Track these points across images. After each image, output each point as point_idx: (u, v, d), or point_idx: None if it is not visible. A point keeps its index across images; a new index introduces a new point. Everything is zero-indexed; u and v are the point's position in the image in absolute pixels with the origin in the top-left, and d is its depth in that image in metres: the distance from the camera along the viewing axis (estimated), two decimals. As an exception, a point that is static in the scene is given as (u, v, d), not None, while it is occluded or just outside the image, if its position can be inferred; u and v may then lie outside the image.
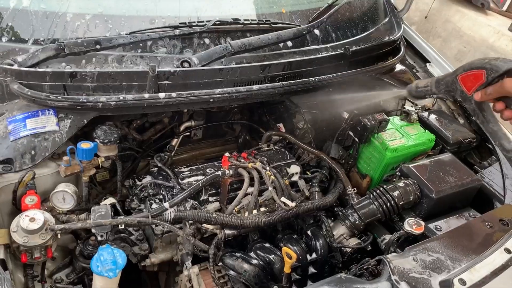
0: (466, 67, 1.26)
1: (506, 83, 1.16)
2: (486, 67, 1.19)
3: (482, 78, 1.20)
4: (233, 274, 1.43)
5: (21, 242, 1.25)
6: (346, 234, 1.65)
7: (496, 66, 1.17)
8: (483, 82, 1.20)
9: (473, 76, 1.22)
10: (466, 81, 1.25)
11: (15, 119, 1.43)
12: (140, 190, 1.54)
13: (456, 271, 1.37)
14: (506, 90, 1.17)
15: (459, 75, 1.27)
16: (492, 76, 1.18)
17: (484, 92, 1.22)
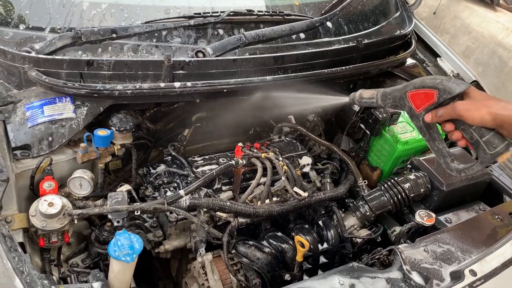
0: (417, 84, 1.18)
1: (458, 106, 1.11)
2: (438, 88, 1.13)
3: (433, 98, 1.14)
4: (246, 261, 1.45)
5: (39, 226, 1.27)
6: (356, 225, 1.66)
7: (449, 88, 1.11)
8: (433, 102, 1.14)
9: (424, 95, 1.16)
10: (415, 99, 1.18)
11: (33, 106, 1.45)
12: (154, 178, 1.56)
13: (466, 262, 1.38)
14: (457, 113, 1.11)
15: (409, 92, 1.19)
16: (444, 97, 1.12)
17: (435, 114, 1.16)
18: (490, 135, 1.10)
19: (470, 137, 1.13)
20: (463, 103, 1.11)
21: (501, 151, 1.09)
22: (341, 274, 1.30)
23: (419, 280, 1.30)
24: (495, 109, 1.07)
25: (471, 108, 1.09)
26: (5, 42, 1.50)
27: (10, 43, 1.51)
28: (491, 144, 1.10)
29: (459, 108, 1.10)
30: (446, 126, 1.17)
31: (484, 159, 1.12)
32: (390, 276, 1.32)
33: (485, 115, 1.07)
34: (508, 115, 1.05)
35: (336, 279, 1.28)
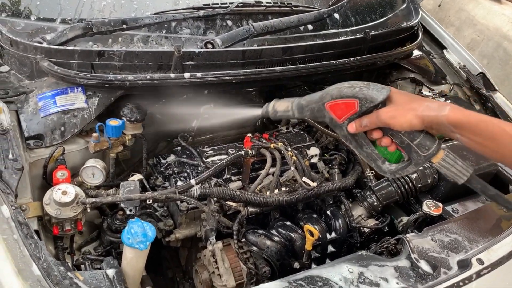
0: (334, 95, 1.09)
1: (382, 114, 1.04)
2: (358, 97, 1.05)
3: (355, 107, 1.06)
4: (255, 250, 1.47)
5: (53, 214, 1.29)
6: (364, 215, 1.68)
7: (370, 96, 1.04)
8: (356, 112, 1.06)
9: (344, 105, 1.07)
10: (335, 109, 1.09)
11: (45, 96, 1.46)
12: (165, 168, 1.58)
13: (473, 251, 1.40)
14: (383, 122, 1.04)
15: (327, 103, 1.10)
16: (367, 106, 1.04)
17: (359, 124, 1.08)
18: (420, 138, 1.04)
19: (400, 142, 1.07)
20: (387, 110, 1.04)
21: (434, 152, 1.04)
22: (350, 262, 1.32)
23: (427, 268, 1.31)
24: (421, 111, 1.01)
25: (397, 115, 1.02)
26: (16, 33, 1.52)
27: (21, 33, 1.53)
28: (423, 147, 1.04)
29: (384, 117, 1.03)
30: (373, 134, 1.09)
31: (418, 161, 1.07)
32: (398, 265, 1.33)
33: (413, 119, 1.01)
34: (435, 116, 1.00)
35: (345, 267, 1.30)
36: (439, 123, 1.00)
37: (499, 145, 0.99)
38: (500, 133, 0.99)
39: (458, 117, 0.99)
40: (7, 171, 1.24)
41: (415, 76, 2.24)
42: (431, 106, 1.02)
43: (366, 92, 1.04)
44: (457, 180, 1.07)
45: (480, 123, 1.00)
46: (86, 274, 1.15)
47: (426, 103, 1.03)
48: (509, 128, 0.99)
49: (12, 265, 1.06)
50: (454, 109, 1.00)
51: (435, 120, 1.00)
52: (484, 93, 2.14)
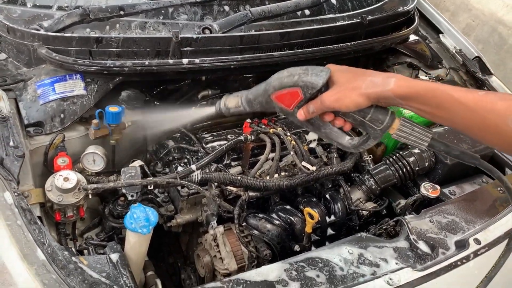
0: (276, 85, 1.08)
1: (326, 99, 1.01)
2: (299, 85, 1.03)
3: (299, 95, 1.04)
4: (256, 233, 1.49)
5: (56, 201, 1.30)
6: (362, 199, 1.70)
7: (310, 82, 1.01)
8: (302, 99, 1.04)
9: (289, 94, 1.06)
10: (282, 99, 1.08)
11: (44, 83, 1.46)
12: (165, 154, 1.58)
13: (471, 232, 1.42)
14: (328, 106, 1.01)
15: (273, 95, 1.08)
16: (310, 92, 1.03)
17: (307, 111, 1.05)
18: (371, 113, 1.02)
19: (353, 120, 1.05)
20: (330, 94, 1.01)
21: (389, 124, 1.02)
22: (349, 244, 1.35)
23: (426, 249, 1.34)
24: (365, 88, 0.98)
25: (340, 97, 0.99)
26: (13, 20, 1.51)
27: (18, 21, 1.52)
28: (376, 121, 1.02)
29: (328, 102, 1.00)
30: (325, 117, 1.07)
31: (375, 135, 1.05)
32: (397, 245, 1.36)
33: (357, 99, 0.98)
34: (381, 91, 0.97)
35: (344, 249, 1.33)
36: (386, 97, 0.98)
37: (449, 112, 0.97)
38: (449, 100, 0.96)
39: (404, 89, 0.97)
40: (9, 158, 1.25)
41: (412, 60, 2.25)
42: (375, 81, 0.99)
43: (305, 78, 1.03)
44: (419, 147, 1.06)
45: (427, 92, 0.97)
46: (90, 258, 1.17)
47: (370, 78, 0.99)
48: (457, 94, 0.95)
49: (17, 250, 1.07)
50: (399, 80, 0.97)
51: (381, 95, 0.98)
52: (480, 77, 2.15)
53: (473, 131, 1.00)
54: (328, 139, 1.16)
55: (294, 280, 1.20)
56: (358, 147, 1.13)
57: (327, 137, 1.15)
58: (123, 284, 1.12)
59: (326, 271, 1.24)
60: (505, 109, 0.93)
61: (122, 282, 1.13)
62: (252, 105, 1.17)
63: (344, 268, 1.27)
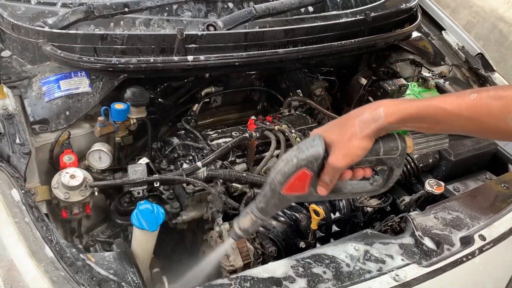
0: (281, 180, 1.00)
1: (334, 163, 0.96)
2: (302, 165, 0.97)
3: (307, 174, 0.99)
4: (262, 230, 1.49)
5: (62, 198, 1.30)
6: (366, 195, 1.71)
7: (311, 156, 0.96)
8: (311, 176, 0.99)
9: (297, 180, 1.00)
10: (294, 188, 1.01)
11: (49, 81, 1.46)
12: (170, 151, 1.58)
13: (475, 228, 1.43)
14: (340, 167, 0.96)
15: (282, 190, 1.01)
16: (316, 165, 0.97)
17: (325, 183, 1.00)
18: (382, 146, 0.98)
19: (370, 163, 1.01)
20: (335, 155, 0.96)
21: (404, 145, 0.99)
22: (355, 241, 1.35)
23: (431, 245, 1.34)
24: (360, 132, 0.94)
25: (346, 151, 0.95)
26: (17, 17, 1.51)
27: (22, 18, 1.52)
28: (391, 150, 0.99)
29: (338, 163, 0.96)
30: (344, 177, 1.02)
31: (397, 163, 1.02)
32: (403, 242, 1.36)
33: (360, 144, 0.95)
34: (375, 126, 0.93)
35: (350, 245, 1.33)
36: (383, 128, 0.95)
37: (446, 124, 0.95)
38: (443, 114, 0.93)
39: (396, 116, 0.93)
40: (15, 156, 1.25)
41: (415, 57, 2.25)
42: (365, 119, 0.94)
43: (304, 155, 0.97)
44: (442, 147, 1.04)
45: (420, 112, 0.94)
46: (97, 256, 1.17)
47: (358, 120, 0.95)
48: (449, 106, 0.93)
49: (26, 247, 1.07)
50: (389, 108, 0.93)
51: (378, 129, 0.94)
52: (482, 74, 2.16)
53: (475, 134, 0.99)
54: (355, 195, 1.14)
55: (301, 277, 1.20)
56: (386, 183, 1.08)
57: (353, 194, 1.11)
58: (131, 281, 1.12)
59: (332, 268, 1.24)
60: (501, 109, 0.90)
61: (130, 279, 1.13)
62: (267, 212, 1.09)
63: (351, 264, 1.27)
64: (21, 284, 1.03)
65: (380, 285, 1.20)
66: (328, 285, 1.19)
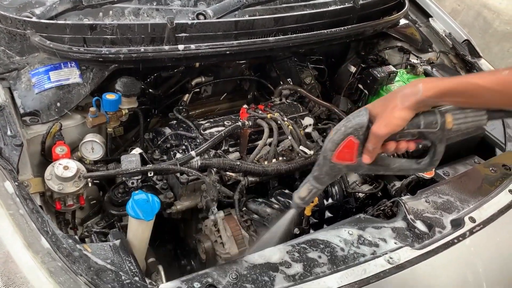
0: (331, 147, 1.08)
1: (376, 130, 1.05)
2: (349, 132, 1.06)
3: (354, 141, 1.07)
4: (256, 218, 1.51)
5: (56, 190, 1.29)
6: (358, 181, 1.73)
7: (357, 124, 1.06)
8: (358, 144, 1.07)
9: (346, 147, 1.08)
10: (343, 156, 1.09)
11: (38, 72, 1.44)
12: (163, 142, 1.58)
13: (465, 211, 1.46)
14: (382, 134, 1.05)
15: (333, 158, 1.09)
16: (361, 133, 1.06)
17: (368, 151, 1.08)
18: (422, 120, 1.05)
19: (412, 136, 1.08)
20: (377, 124, 1.05)
21: (443, 120, 1.05)
22: (349, 225, 1.37)
23: (423, 228, 1.37)
24: (401, 103, 1.03)
25: (387, 121, 1.04)
26: (4, 7, 1.48)
27: (9, 8, 1.49)
28: (431, 124, 1.05)
29: (380, 130, 1.05)
30: (388, 148, 1.10)
31: (438, 138, 1.08)
32: (395, 226, 1.38)
33: (401, 114, 1.03)
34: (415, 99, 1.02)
35: (344, 230, 1.34)
36: (422, 102, 1.03)
37: (481, 98, 1.04)
38: (477, 89, 1.02)
39: (434, 91, 1.02)
40: (7, 148, 1.23)
41: (403, 44, 2.27)
42: (405, 93, 1.04)
43: (351, 124, 1.07)
44: (481, 125, 1.09)
45: (456, 87, 1.02)
46: (94, 246, 1.17)
47: (400, 94, 1.05)
48: (483, 81, 1.02)
49: (22, 239, 1.07)
50: (427, 84, 1.02)
51: (417, 102, 1.02)
52: (469, 60, 2.19)
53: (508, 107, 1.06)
54: (403, 172, 1.22)
55: (297, 262, 1.22)
56: (432, 161, 1.14)
57: (400, 171, 1.18)
58: (128, 270, 1.13)
59: (327, 252, 1.26)
60: None
61: (127, 268, 1.13)
62: (321, 180, 1.17)
63: (345, 248, 1.29)
64: (18, 275, 1.03)
65: (374, 267, 1.22)
66: (323, 269, 1.20)
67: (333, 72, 2.29)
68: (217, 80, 2.02)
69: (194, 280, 1.10)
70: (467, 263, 1.36)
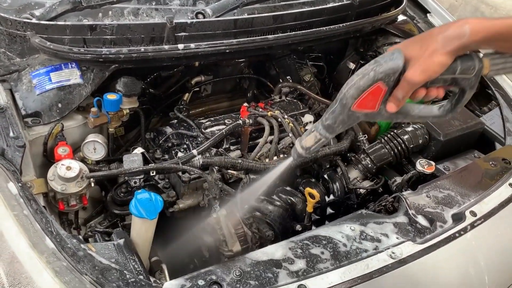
0: (354, 94, 0.97)
1: (411, 78, 0.94)
2: (379, 78, 0.95)
3: (382, 88, 0.96)
4: (258, 215, 1.51)
5: (59, 190, 1.30)
6: (359, 178, 1.74)
7: (390, 69, 0.94)
8: (385, 91, 0.97)
9: (370, 95, 0.97)
10: (365, 104, 0.99)
11: (39, 73, 1.44)
12: (164, 141, 1.59)
13: (466, 205, 1.46)
14: (417, 82, 0.94)
15: (353, 106, 0.99)
16: (393, 79, 0.95)
17: (396, 99, 0.98)
18: (459, 65, 0.95)
19: (444, 83, 0.99)
20: (413, 70, 0.95)
21: (481, 65, 0.96)
22: (351, 221, 1.37)
23: (425, 223, 1.38)
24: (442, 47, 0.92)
25: (425, 67, 0.94)
26: (3, 9, 1.49)
27: (8, 10, 1.50)
28: (467, 69, 0.96)
29: (416, 78, 0.94)
30: (417, 96, 1.00)
31: (470, 84, 0.99)
32: (397, 221, 1.39)
33: (441, 59, 0.93)
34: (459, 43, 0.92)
35: (346, 226, 1.35)
36: (466, 46, 0.93)
37: None
38: None
39: (482, 34, 0.92)
40: (10, 149, 1.24)
41: (401, 41, 2.26)
42: (449, 35, 0.92)
43: (382, 68, 0.95)
44: None
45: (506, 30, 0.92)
46: (98, 245, 1.17)
47: (442, 36, 0.93)
48: None
49: (26, 239, 1.07)
50: (475, 26, 0.91)
51: (461, 46, 0.92)
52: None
53: None
54: (422, 119, 1.11)
55: (300, 258, 1.23)
56: (455, 108, 1.05)
57: (420, 118, 1.09)
58: (132, 269, 1.13)
59: (330, 248, 1.27)
60: None
61: (131, 267, 1.14)
62: (333, 129, 1.06)
63: (347, 244, 1.30)
64: (24, 275, 1.03)
65: (377, 262, 1.23)
66: (326, 265, 1.21)
67: (332, 69, 2.30)
68: (216, 79, 2.02)
69: (198, 278, 1.11)
70: (469, 256, 1.37)
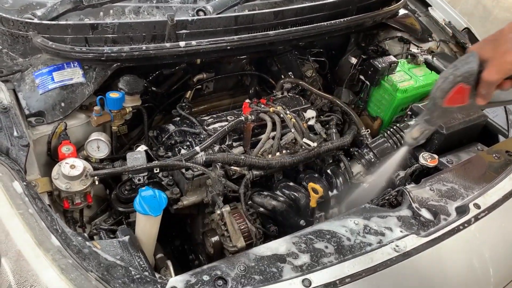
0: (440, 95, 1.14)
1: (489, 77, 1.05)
2: (459, 81, 1.09)
3: (465, 87, 1.10)
4: (262, 211, 1.52)
5: (63, 188, 1.31)
6: (362, 172, 1.74)
7: (466, 72, 1.08)
8: (469, 89, 1.10)
9: (456, 93, 1.11)
10: (454, 101, 1.14)
11: (42, 73, 1.45)
12: (167, 138, 1.59)
13: (470, 198, 1.46)
14: (495, 80, 1.05)
15: (444, 103, 1.15)
16: (472, 80, 1.08)
17: (482, 95, 1.10)
18: None
19: None
20: (489, 70, 1.05)
21: None
22: (354, 215, 1.38)
23: (428, 216, 1.37)
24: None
25: (499, 67, 1.03)
26: (5, 10, 1.49)
27: (10, 10, 1.51)
28: None
29: (492, 77, 1.04)
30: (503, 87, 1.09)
31: None
32: (401, 214, 1.39)
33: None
34: None
35: (350, 220, 1.35)
36: None
37: None
38: None
39: None
40: (14, 148, 1.25)
41: (402, 35, 2.26)
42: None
43: (460, 72, 1.08)
44: None
45: None
46: (103, 243, 1.18)
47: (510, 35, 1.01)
48: None
49: (32, 237, 1.08)
50: None
51: None
52: (470, 48, 2.18)
53: None
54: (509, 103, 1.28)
55: (304, 252, 1.23)
56: None
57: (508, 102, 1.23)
58: (137, 265, 1.14)
59: (334, 242, 1.27)
60: None
61: (136, 263, 1.15)
62: (433, 122, 1.27)
63: (351, 238, 1.30)
64: (30, 273, 1.04)
65: (381, 256, 1.23)
66: (330, 259, 1.21)
67: (334, 64, 2.29)
68: (218, 76, 2.03)
69: (203, 273, 1.11)
70: (473, 249, 1.37)
